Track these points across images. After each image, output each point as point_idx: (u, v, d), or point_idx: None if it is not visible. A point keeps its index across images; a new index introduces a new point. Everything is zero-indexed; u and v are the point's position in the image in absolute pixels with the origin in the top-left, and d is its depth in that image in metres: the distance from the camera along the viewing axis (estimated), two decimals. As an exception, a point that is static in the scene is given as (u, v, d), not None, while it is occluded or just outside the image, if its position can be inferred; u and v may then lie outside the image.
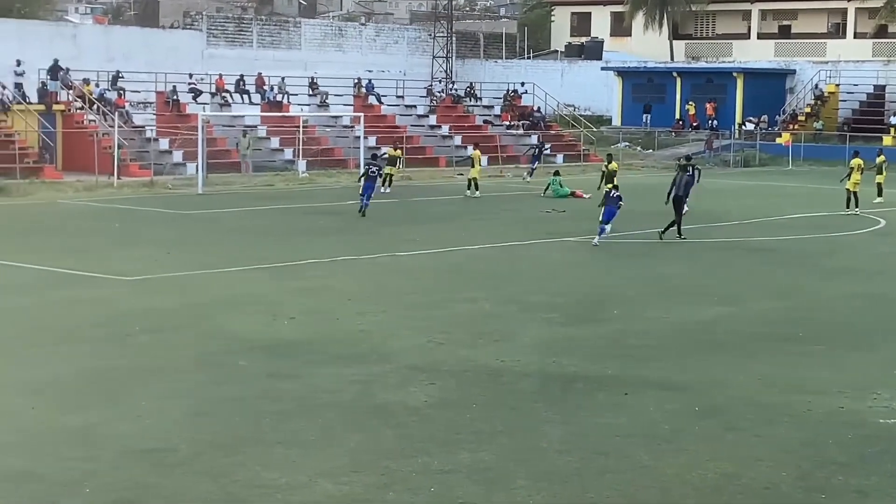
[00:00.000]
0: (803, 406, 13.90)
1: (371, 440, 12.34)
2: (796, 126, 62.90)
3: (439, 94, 63.32)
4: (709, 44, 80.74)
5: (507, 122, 61.53)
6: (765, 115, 64.40)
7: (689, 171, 30.58)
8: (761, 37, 78.96)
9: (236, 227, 31.45)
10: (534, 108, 63.14)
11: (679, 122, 66.82)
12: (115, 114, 46.60)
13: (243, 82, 54.69)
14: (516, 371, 15.42)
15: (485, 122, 61.20)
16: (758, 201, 39.75)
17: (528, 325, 18.48)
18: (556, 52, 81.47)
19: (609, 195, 28.55)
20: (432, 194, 41.37)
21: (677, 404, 13.91)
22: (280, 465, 11.47)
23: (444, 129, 58.50)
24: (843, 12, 77.13)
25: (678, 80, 68.46)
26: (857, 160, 37.16)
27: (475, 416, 13.25)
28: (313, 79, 57.62)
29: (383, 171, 39.01)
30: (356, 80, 58.89)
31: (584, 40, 79.58)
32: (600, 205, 28.78)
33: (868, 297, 21.73)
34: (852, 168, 36.82)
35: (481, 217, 34.33)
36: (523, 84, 64.69)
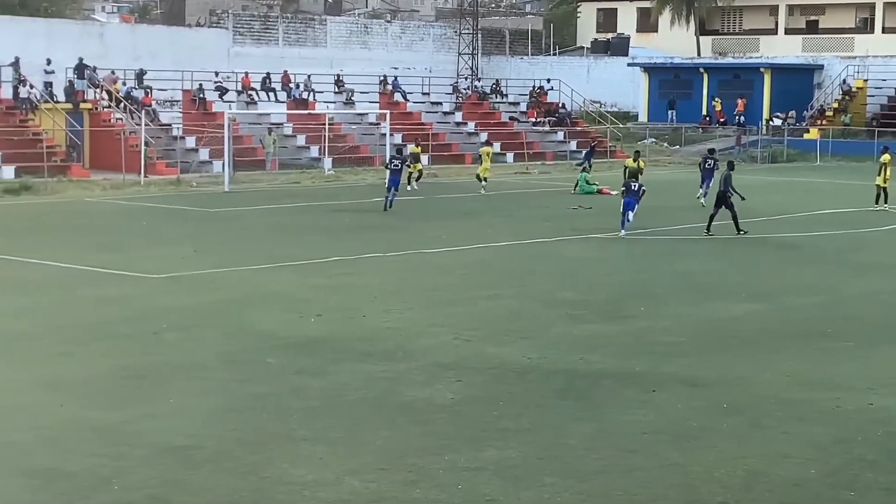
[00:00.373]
0: (832, 403, 13.83)
1: (398, 437, 12.34)
2: (824, 121, 62.54)
3: (465, 91, 63.30)
4: (736, 39, 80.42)
5: (534, 119, 61.46)
6: (792, 111, 64.07)
7: (730, 167, 30.09)
8: (789, 32, 78.62)
9: (262, 224, 31.51)
10: (560, 105, 63.02)
11: (706, 118, 66.54)
12: (142, 112, 46.82)
13: (269, 80, 54.78)
14: (543, 368, 15.39)
15: (511, 118, 61.17)
16: (785, 197, 39.57)
17: (555, 321, 18.44)
18: (582, 48, 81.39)
19: (629, 188, 28.91)
20: (458, 191, 41.34)
21: (705, 401, 13.87)
22: (307, 462, 11.48)
23: (470, 126, 58.48)
24: (871, 7, 76.71)
25: (705, 76, 68.12)
26: (887, 156, 36.87)
27: (502, 414, 13.23)
28: (339, 76, 57.66)
29: (410, 165, 39.13)
30: (382, 78, 58.95)
31: (610, 36, 79.42)
32: (621, 193, 29.34)
33: (897, 294, 21.61)
34: (883, 164, 36.52)
35: (507, 213, 34.29)
36: (549, 80, 64.61)
